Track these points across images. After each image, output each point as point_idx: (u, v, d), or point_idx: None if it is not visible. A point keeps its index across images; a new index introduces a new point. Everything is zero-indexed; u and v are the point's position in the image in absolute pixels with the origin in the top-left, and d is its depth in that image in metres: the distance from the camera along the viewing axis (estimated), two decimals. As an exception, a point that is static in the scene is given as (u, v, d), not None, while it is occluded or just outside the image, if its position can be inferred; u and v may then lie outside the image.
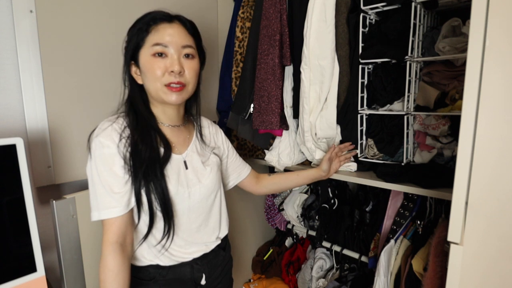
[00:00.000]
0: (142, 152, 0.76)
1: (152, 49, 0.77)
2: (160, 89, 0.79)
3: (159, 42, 0.77)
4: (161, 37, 0.77)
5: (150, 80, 0.79)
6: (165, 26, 0.78)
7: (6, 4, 0.93)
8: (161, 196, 0.78)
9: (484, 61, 0.54)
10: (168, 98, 0.80)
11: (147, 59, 0.78)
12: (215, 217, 0.93)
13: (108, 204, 0.74)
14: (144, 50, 0.79)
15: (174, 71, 0.77)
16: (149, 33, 0.78)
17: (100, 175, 0.74)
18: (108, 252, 0.73)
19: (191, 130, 0.94)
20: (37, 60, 0.98)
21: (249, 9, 1.33)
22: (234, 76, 1.39)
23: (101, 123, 0.79)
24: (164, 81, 0.78)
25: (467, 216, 0.59)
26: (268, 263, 1.81)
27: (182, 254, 0.86)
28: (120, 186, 0.75)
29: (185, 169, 0.85)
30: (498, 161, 0.56)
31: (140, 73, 0.81)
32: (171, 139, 0.85)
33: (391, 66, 1.06)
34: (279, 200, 1.75)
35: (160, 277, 0.84)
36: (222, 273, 0.98)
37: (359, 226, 1.41)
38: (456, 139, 1.00)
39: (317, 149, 1.23)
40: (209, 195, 0.89)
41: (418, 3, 0.96)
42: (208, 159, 0.92)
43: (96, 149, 0.75)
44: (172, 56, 0.78)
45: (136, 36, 0.79)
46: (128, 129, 0.79)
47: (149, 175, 0.76)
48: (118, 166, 0.75)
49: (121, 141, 0.76)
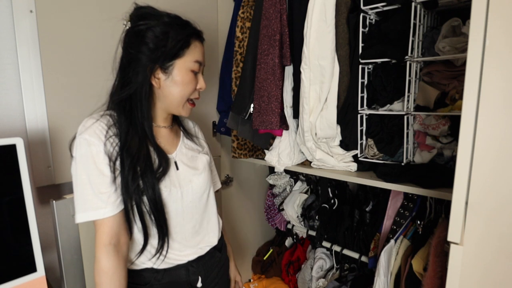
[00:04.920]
0: (135, 156, 0.74)
1: (193, 64, 0.81)
2: (184, 104, 0.83)
3: (200, 61, 0.82)
4: (201, 55, 0.83)
5: (179, 92, 0.81)
6: (200, 45, 0.83)
7: (6, 4, 0.93)
8: (153, 200, 0.75)
9: (484, 61, 0.54)
10: (184, 112, 0.85)
11: (184, 72, 0.80)
12: (208, 217, 0.92)
13: (96, 205, 0.71)
14: (182, 61, 0.79)
15: (202, 89, 0.84)
16: (189, 46, 0.80)
17: (88, 174, 0.71)
18: (101, 254, 0.71)
19: (178, 131, 0.94)
20: (37, 60, 0.98)
21: (249, 9, 1.33)
22: (234, 76, 1.39)
23: (84, 121, 0.76)
24: (191, 96, 0.84)
25: (467, 216, 0.59)
26: (268, 263, 1.81)
27: (177, 257, 0.85)
28: (106, 185, 0.72)
29: (176, 169, 0.84)
30: (498, 161, 0.56)
31: (166, 80, 0.80)
32: (164, 140, 0.85)
33: (391, 66, 1.06)
34: (279, 200, 1.75)
35: (155, 282, 0.82)
36: (218, 274, 0.97)
37: (359, 226, 1.41)
38: (456, 139, 1.00)
39: (317, 149, 1.23)
40: (201, 195, 0.88)
41: (418, 3, 0.96)
42: (198, 158, 0.91)
43: (82, 147, 0.72)
44: (200, 75, 0.84)
45: (175, 43, 0.78)
46: (114, 127, 0.76)
47: (141, 180, 0.74)
48: (104, 164, 0.72)
49: (108, 139, 0.74)
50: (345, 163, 1.20)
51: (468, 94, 0.56)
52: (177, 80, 0.80)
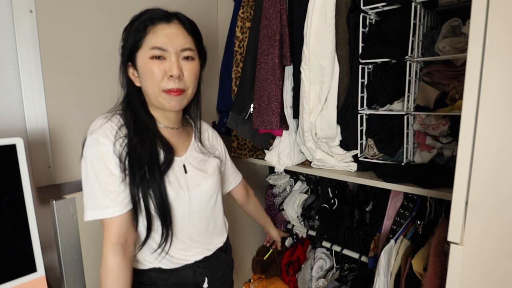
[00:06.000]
0: (142, 156, 0.74)
1: (150, 52, 0.74)
2: (159, 95, 0.76)
3: (157, 46, 0.74)
4: (159, 39, 0.74)
5: (148, 84, 0.76)
6: (163, 27, 0.75)
7: (6, 4, 0.93)
8: (160, 202, 0.75)
9: (484, 61, 0.54)
10: (167, 104, 0.78)
11: (144, 61, 0.75)
12: (215, 220, 0.92)
13: (104, 204, 0.72)
14: (142, 52, 0.75)
15: (173, 76, 0.75)
16: (147, 34, 0.74)
17: (96, 174, 0.72)
18: (108, 253, 0.71)
19: (190, 133, 0.92)
20: (37, 60, 0.98)
21: (249, 9, 1.33)
22: (234, 76, 1.39)
23: (95, 120, 0.77)
24: (163, 86, 0.75)
25: (467, 216, 0.59)
26: (268, 263, 1.81)
27: (183, 257, 0.84)
28: (115, 184, 0.72)
29: (185, 173, 0.83)
30: (498, 161, 0.56)
31: (138, 76, 0.79)
32: (170, 141, 0.83)
33: (391, 66, 1.06)
34: (279, 200, 1.75)
35: (161, 282, 0.82)
36: (223, 275, 0.97)
37: (359, 226, 1.41)
38: (456, 139, 1.00)
39: (318, 149, 1.23)
40: (209, 198, 0.87)
41: (418, 3, 0.96)
42: (208, 162, 0.90)
43: (92, 147, 0.72)
44: (170, 59, 0.75)
45: (133, 36, 0.75)
46: (124, 127, 0.76)
47: (148, 180, 0.74)
48: (114, 164, 0.73)
49: (118, 139, 0.74)
50: (345, 163, 1.20)
51: (468, 94, 0.56)
52: (141, 72, 0.77)
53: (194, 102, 0.91)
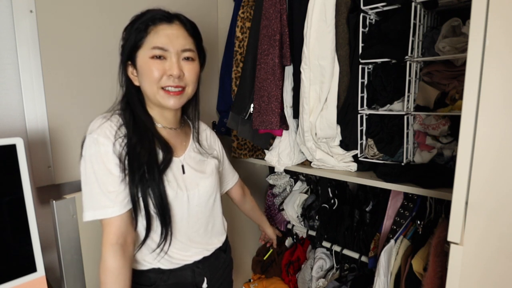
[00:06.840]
0: (141, 155, 0.74)
1: (151, 51, 0.75)
2: (157, 93, 0.77)
3: (158, 46, 0.74)
4: (160, 39, 0.75)
5: (147, 82, 0.77)
6: (165, 28, 0.76)
7: (6, 4, 0.93)
8: (159, 201, 0.75)
9: (484, 61, 0.54)
10: (166, 102, 0.78)
11: (145, 61, 0.75)
12: (214, 221, 0.92)
13: (104, 204, 0.72)
14: (142, 51, 0.76)
15: (173, 75, 0.75)
16: (148, 34, 0.75)
17: (96, 174, 0.72)
18: (108, 253, 0.71)
19: (188, 133, 0.92)
20: (37, 60, 0.98)
21: (249, 9, 1.33)
22: (234, 76, 1.39)
23: (94, 120, 0.77)
24: (161, 84, 0.76)
25: (467, 216, 0.59)
26: (268, 263, 1.81)
27: (183, 257, 0.84)
28: (115, 184, 0.72)
29: (183, 173, 0.83)
30: (498, 161, 0.56)
31: (137, 75, 0.79)
32: (170, 142, 0.83)
33: (391, 66, 1.06)
34: (279, 200, 1.75)
35: (161, 282, 0.82)
36: (223, 275, 0.97)
37: (359, 226, 1.41)
38: (456, 139, 1.00)
39: (318, 149, 1.23)
40: (208, 199, 0.88)
41: (418, 3, 0.96)
42: (206, 163, 0.91)
43: (91, 146, 0.72)
44: (171, 59, 0.76)
45: (134, 36, 0.76)
46: (124, 127, 0.77)
47: (147, 180, 0.74)
48: (113, 164, 0.73)
49: (117, 139, 0.74)
50: (345, 163, 1.20)
51: (468, 94, 0.56)
52: (141, 71, 0.77)
53: (192, 103, 0.91)
